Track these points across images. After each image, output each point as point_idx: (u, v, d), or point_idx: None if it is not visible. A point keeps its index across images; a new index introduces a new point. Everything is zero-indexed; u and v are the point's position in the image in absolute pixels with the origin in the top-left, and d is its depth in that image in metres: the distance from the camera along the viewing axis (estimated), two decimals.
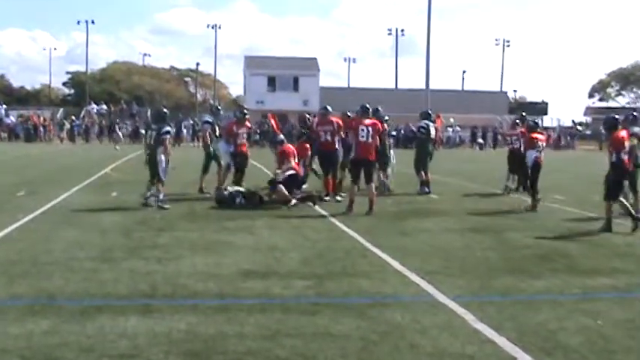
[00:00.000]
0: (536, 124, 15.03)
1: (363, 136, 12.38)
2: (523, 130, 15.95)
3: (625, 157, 10.89)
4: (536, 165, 13.77)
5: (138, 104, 64.87)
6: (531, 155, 13.86)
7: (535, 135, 14.14)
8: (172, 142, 15.22)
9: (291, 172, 13.61)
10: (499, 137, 51.89)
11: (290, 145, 14.45)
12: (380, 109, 15.04)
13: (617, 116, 11.69)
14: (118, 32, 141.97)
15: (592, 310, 6.25)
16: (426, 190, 16.01)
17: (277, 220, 11.51)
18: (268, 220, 11.55)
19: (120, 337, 5.30)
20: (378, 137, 12.76)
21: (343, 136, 14.34)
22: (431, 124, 16.63)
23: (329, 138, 14.25)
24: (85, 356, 4.90)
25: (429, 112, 17.01)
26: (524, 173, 14.54)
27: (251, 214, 12.18)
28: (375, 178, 13.57)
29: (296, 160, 14.04)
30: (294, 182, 13.57)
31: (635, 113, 12.98)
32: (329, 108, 14.73)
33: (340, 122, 14.51)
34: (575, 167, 24.85)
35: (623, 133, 11.11)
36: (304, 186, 14.25)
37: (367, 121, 12.57)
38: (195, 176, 15.99)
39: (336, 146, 14.36)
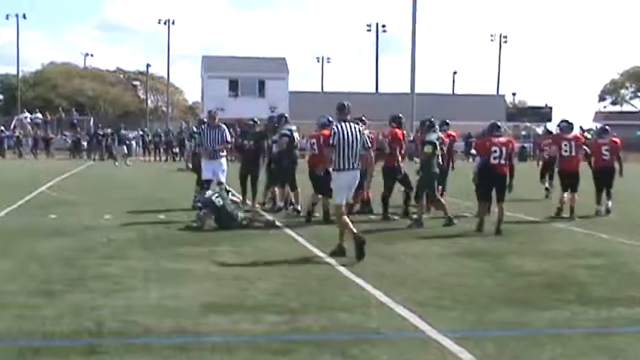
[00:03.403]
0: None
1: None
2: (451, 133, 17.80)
3: (495, 162, 13.13)
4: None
5: (79, 112, 64.44)
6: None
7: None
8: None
9: None
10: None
11: None
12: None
13: (498, 122, 14.55)
14: (55, 28, 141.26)
15: (608, 347, 6.30)
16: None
17: (243, 245, 11.51)
18: (232, 244, 11.55)
19: None
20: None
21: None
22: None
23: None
24: None
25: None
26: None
27: (213, 237, 12.17)
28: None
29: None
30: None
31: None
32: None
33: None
34: (584, 181, 24.97)
35: (495, 139, 13.36)
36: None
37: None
38: (146, 197, 15.92)
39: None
